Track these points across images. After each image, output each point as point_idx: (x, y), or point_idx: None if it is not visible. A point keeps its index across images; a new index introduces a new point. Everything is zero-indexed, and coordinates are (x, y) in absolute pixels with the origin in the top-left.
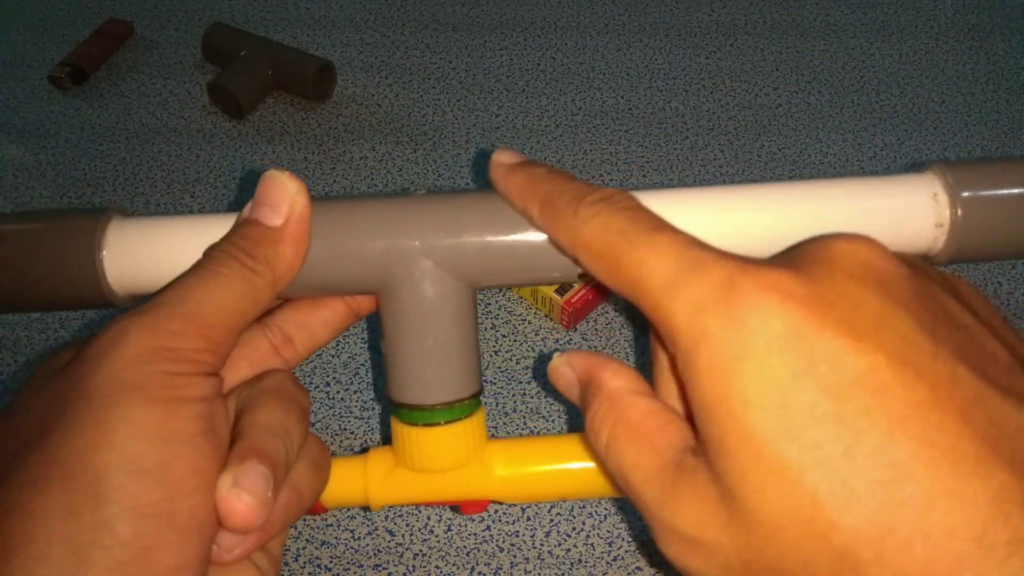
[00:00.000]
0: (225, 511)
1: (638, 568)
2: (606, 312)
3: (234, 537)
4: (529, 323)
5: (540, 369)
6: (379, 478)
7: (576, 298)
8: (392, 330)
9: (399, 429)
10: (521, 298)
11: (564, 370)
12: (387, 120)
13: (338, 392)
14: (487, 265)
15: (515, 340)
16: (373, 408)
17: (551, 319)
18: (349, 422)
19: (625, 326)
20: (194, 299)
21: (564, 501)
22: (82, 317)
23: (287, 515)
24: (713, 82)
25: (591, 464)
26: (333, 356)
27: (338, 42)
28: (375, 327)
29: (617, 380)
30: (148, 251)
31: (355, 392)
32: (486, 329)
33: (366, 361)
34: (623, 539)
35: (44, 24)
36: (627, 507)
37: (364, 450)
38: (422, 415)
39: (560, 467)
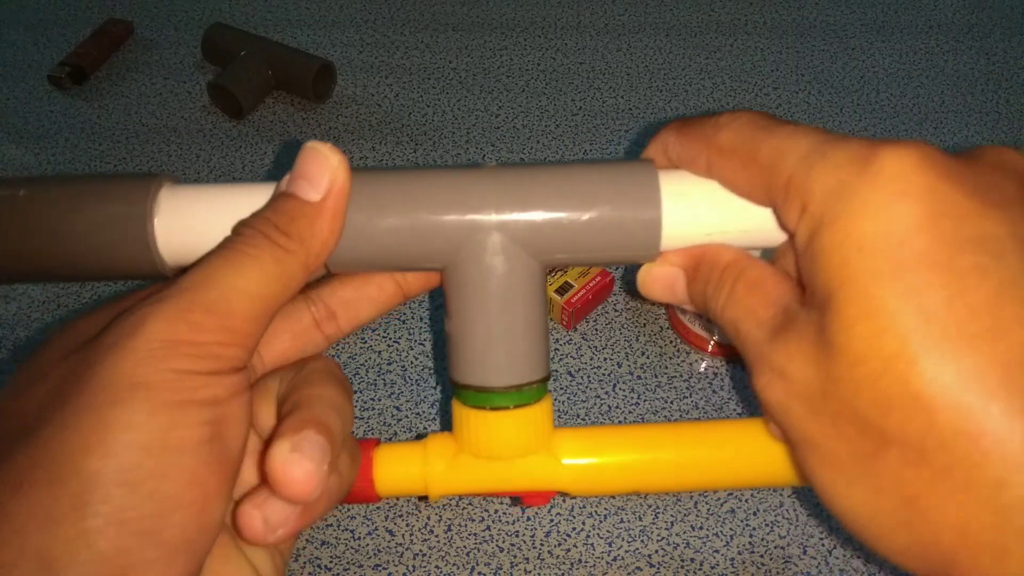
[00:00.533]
0: (282, 479)
1: (638, 568)
2: (606, 312)
3: (283, 512)
4: None
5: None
6: (440, 466)
7: (576, 298)
8: (458, 307)
9: (462, 413)
10: None
11: (661, 271)
12: (387, 120)
13: None
14: (562, 240)
15: None
16: (373, 408)
17: (551, 319)
18: None
19: (625, 326)
20: (219, 284)
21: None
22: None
23: (328, 501)
24: (713, 82)
25: (661, 455)
26: (333, 356)
27: (338, 42)
28: (375, 326)
29: (731, 251)
30: (200, 219)
31: (356, 392)
32: None
33: (366, 361)
34: (623, 539)
35: (44, 24)
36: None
37: (421, 435)
38: (489, 398)
39: (630, 458)
